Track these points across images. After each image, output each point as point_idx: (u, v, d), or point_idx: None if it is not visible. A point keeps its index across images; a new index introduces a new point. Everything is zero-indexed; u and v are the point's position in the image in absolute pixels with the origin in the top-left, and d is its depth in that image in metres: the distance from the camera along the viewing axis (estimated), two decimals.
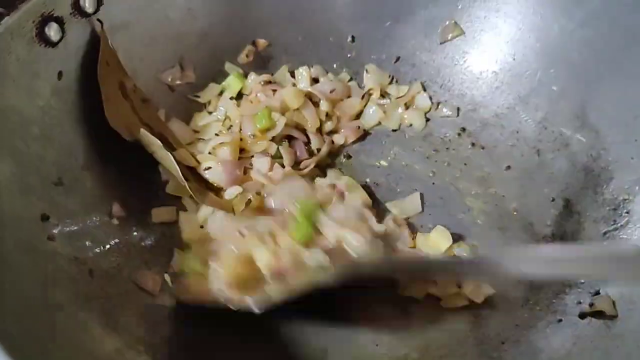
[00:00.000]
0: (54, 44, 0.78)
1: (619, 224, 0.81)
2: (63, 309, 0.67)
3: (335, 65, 1.07)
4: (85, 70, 0.83)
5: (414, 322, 0.81)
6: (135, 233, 0.85)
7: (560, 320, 0.78)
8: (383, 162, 0.98)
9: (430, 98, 1.04)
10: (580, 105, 0.91)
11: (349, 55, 1.07)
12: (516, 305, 0.82)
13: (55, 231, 0.73)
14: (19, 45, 0.73)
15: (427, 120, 1.03)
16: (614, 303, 0.75)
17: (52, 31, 0.78)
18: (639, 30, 0.84)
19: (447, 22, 1.02)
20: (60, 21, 0.79)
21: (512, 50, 0.98)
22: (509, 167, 0.95)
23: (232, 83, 1.00)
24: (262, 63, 1.05)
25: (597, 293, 0.77)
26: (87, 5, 0.83)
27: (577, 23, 0.91)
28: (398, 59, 1.06)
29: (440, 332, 0.80)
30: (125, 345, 0.70)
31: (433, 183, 0.96)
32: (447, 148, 1.00)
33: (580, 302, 0.78)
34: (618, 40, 0.86)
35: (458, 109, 1.02)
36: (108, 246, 0.80)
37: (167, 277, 0.82)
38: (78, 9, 0.82)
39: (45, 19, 0.76)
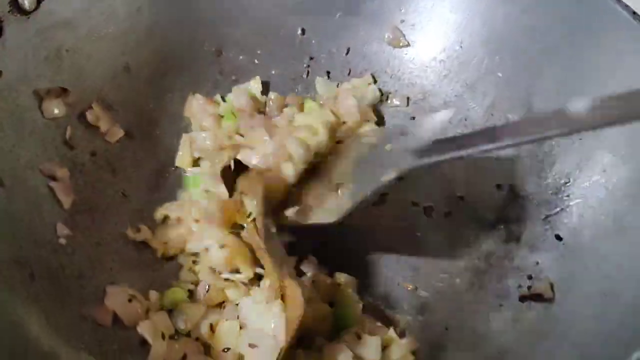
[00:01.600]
0: (28, 12, 0.78)
1: (559, 208, 0.83)
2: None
3: (286, 57, 1.07)
4: (26, 69, 0.83)
5: None
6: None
7: (501, 305, 0.79)
8: None
9: (380, 90, 1.03)
10: (525, 91, 0.92)
11: (300, 48, 1.07)
12: (461, 290, 0.82)
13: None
14: None
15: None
16: (552, 286, 0.76)
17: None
18: (577, 16, 0.84)
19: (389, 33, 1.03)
20: None
21: (459, 38, 0.99)
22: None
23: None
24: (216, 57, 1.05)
25: (537, 277, 0.78)
26: (25, 2, 0.82)
27: (520, 10, 0.91)
28: (348, 50, 1.07)
29: None
30: (65, 343, 0.70)
31: None
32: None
33: (520, 286, 0.79)
34: (559, 27, 0.87)
35: (408, 98, 1.03)
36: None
37: None
38: (16, 7, 0.81)
39: None
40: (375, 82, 1.05)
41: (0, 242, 0.73)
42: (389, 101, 1.04)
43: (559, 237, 0.81)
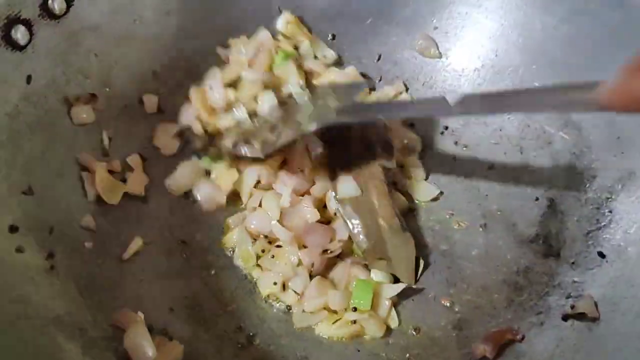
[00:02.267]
0: (21, 48, 0.76)
1: (602, 224, 0.80)
2: (32, 321, 0.66)
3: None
4: (56, 73, 0.82)
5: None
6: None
7: (542, 323, 0.76)
8: None
9: (412, 97, 1.02)
10: None
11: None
12: (499, 307, 0.80)
13: (24, 242, 0.71)
14: None
15: None
16: (596, 305, 0.73)
17: (19, 34, 0.76)
18: (618, 26, 0.82)
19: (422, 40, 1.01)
20: (27, 23, 0.77)
21: (495, 47, 0.97)
22: (492, 167, 0.93)
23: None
24: None
25: (580, 295, 0.76)
26: (55, 6, 0.81)
27: (558, 19, 0.89)
28: (380, 56, 1.04)
29: (423, 335, 0.79)
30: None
31: None
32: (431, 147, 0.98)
33: (563, 305, 0.77)
34: (598, 37, 0.85)
35: None
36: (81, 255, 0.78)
37: None
38: (46, 11, 0.80)
39: (11, 22, 0.74)
40: (407, 89, 1.02)
41: (31, 249, 0.71)
42: None
43: (601, 254, 0.78)
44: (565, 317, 0.75)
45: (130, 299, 0.78)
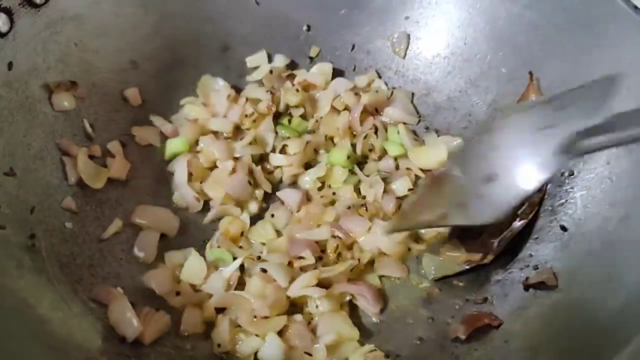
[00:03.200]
0: (2, 35, 0.79)
1: (564, 199, 0.83)
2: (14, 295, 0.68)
3: (292, 53, 1.08)
4: (37, 61, 0.84)
5: None
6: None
7: (506, 295, 0.79)
8: None
9: (386, 84, 1.05)
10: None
11: (305, 44, 1.08)
12: (466, 280, 0.83)
13: (6, 220, 0.73)
14: None
15: None
16: (555, 275, 0.76)
17: (0, 22, 0.78)
18: (578, 11, 0.85)
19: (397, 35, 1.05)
20: (8, 12, 0.79)
21: (463, 35, 1.00)
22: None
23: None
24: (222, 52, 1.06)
25: (543, 267, 0.79)
26: None
27: (522, 6, 0.93)
28: (353, 46, 1.08)
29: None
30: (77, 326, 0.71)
31: None
32: None
33: (527, 277, 0.80)
34: (560, 22, 0.88)
35: (412, 94, 1.04)
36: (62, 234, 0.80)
37: None
38: (27, 0, 0.82)
39: None
40: (379, 77, 1.05)
41: (13, 227, 0.74)
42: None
43: (564, 228, 0.81)
44: (527, 287, 0.77)
45: (109, 276, 0.81)
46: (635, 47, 0.79)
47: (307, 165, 0.98)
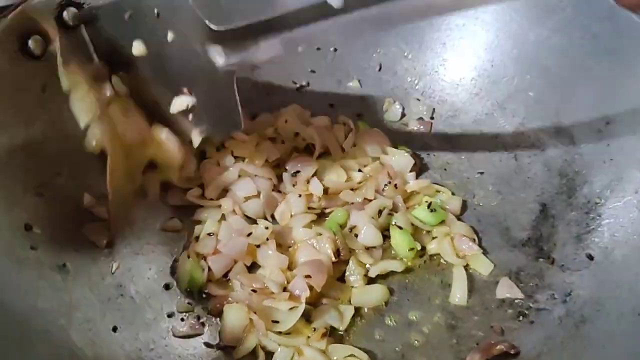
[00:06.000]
0: (37, 57, 0.80)
1: (590, 227, 0.83)
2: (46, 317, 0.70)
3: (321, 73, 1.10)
4: None
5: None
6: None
7: (532, 322, 0.79)
8: None
9: (404, 108, 1.07)
10: (555, 110, 0.93)
11: (332, 64, 1.09)
12: (491, 307, 0.83)
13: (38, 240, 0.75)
14: (2, 60, 0.75)
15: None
16: (584, 306, 0.76)
17: (35, 44, 0.80)
18: (608, 37, 0.85)
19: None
20: (43, 34, 0.81)
21: (490, 57, 1.01)
22: (482, 173, 0.97)
23: None
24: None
25: (569, 294, 0.79)
26: (69, 18, 0.85)
27: (550, 30, 0.93)
28: (380, 67, 1.08)
29: (417, 333, 0.82)
30: None
31: None
32: (427, 153, 1.02)
33: (553, 304, 0.79)
34: (589, 48, 0.88)
35: (439, 114, 1.04)
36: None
37: None
38: (60, 22, 0.84)
39: (28, 33, 0.78)
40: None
41: (44, 248, 0.76)
42: (408, 127, 1.06)
43: (590, 257, 0.81)
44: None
45: None
46: None
47: None
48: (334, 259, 0.85)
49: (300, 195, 0.92)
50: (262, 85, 1.08)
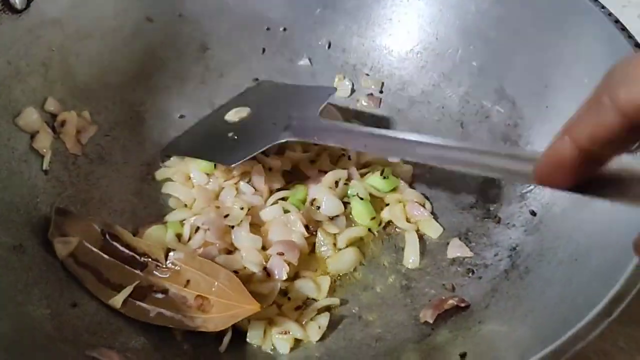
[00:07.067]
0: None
1: (533, 185, 0.87)
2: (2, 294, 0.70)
3: (270, 52, 1.12)
4: (18, 66, 0.86)
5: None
6: None
7: (480, 277, 0.83)
8: None
9: (353, 84, 1.11)
10: (498, 78, 0.97)
11: (282, 43, 1.11)
12: (441, 266, 0.86)
13: None
14: None
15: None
16: (527, 257, 0.80)
17: None
18: (546, 8, 0.89)
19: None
20: None
21: (435, 30, 1.04)
22: None
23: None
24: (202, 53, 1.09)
25: (514, 249, 0.83)
26: (17, 1, 0.85)
27: (490, 2, 0.96)
28: (330, 45, 1.11)
29: (372, 295, 0.85)
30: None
31: None
32: (378, 126, 1.04)
33: (499, 260, 0.83)
34: (528, 17, 0.92)
35: (388, 88, 1.07)
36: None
37: None
38: (7, 5, 0.84)
39: None
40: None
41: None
42: (358, 103, 1.09)
43: (533, 213, 0.85)
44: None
45: None
46: (598, 41, 0.82)
47: None
48: (306, 234, 0.87)
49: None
50: (214, 66, 1.09)
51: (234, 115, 1.00)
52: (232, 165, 0.90)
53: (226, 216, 0.89)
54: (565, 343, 0.53)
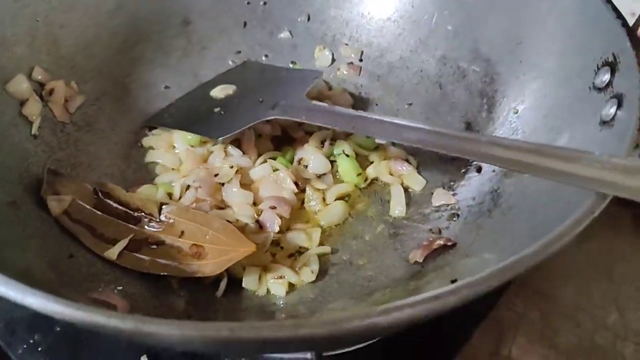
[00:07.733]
0: None
1: (510, 133, 0.90)
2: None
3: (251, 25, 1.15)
4: (4, 33, 0.88)
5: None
6: None
7: (465, 218, 0.86)
8: None
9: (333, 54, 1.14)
10: (473, 39, 1.01)
11: (263, 17, 1.14)
12: (427, 214, 0.90)
13: None
14: None
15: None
16: (509, 196, 0.83)
17: None
18: None
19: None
20: None
21: None
22: (410, 104, 1.04)
23: None
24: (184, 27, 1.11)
25: (496, 191, 0.86)
26: None
27: None
28: (309, 17, 1.14)
29: (362, 243, 0.88)
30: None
31: None
32: (359, 92, 1.08)
33: (480, 204, 0.86)
34: None
35: (367, 56, 1.11)
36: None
37: None
38: None
39: None
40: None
41: None
42: (339, 71, 1.13)
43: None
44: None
45: None
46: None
47: None
48: (296, 189, 0.90)
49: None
50: (197, 39, 1.12)
51: (219, 92, 1.02)
52: (220, 139, 0.92)
53: (216, 175, 0.90)
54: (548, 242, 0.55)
